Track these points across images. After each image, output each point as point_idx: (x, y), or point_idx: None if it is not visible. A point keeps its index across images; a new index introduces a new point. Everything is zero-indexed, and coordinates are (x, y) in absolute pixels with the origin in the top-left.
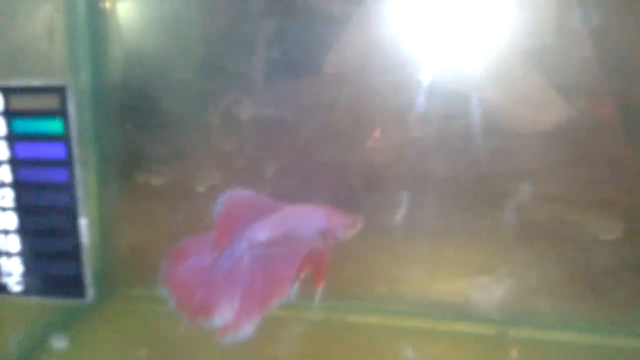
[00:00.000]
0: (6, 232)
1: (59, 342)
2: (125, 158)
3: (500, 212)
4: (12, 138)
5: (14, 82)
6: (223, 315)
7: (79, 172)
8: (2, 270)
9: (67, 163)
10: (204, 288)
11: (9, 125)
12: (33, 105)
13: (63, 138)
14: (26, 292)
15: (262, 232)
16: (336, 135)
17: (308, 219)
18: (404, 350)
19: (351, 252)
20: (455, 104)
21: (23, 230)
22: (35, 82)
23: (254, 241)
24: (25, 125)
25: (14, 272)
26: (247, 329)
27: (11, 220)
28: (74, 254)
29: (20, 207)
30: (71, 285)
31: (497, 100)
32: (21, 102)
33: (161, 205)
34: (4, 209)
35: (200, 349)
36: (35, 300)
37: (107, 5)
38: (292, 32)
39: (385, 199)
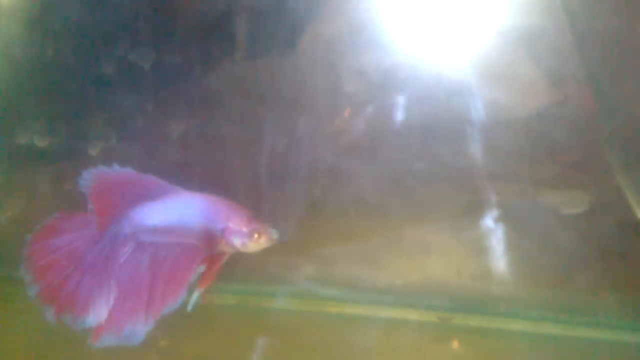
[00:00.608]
0: None
1: None
2: (5, 116)
3: (458, 190)
4: None
5: None
6: (97, 313)
7: None
8: None
9: None
10: (74, 277)
11: None
12: None
13: None
14: None
15: (151, 216)
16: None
17: (206, 213)
18: (332, 337)
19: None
20: (435, 87)
21: None
22: None
23: (140, 226)
24: None
25: None
26: (132, 332)
27: None
28: None
29: None
30: None
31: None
32: None
33: (47, 171)
34: None
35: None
36: None
37: None
38: None
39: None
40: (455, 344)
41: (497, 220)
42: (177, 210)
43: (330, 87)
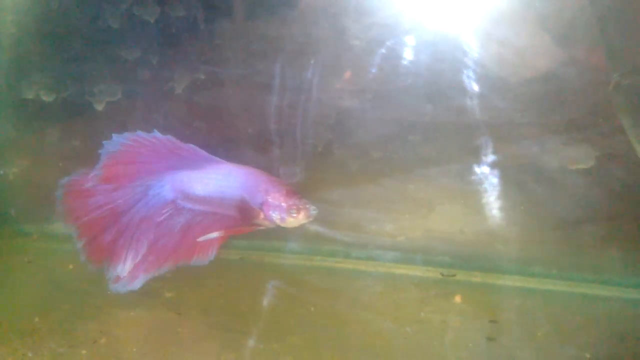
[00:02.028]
0: None
1: None
2: (10, 71)
3: (463, 147)
4: None
5: None
6: (126, 263)
7: None
8: None
9: None
10: (114, 230)
11: None
12: None
13: None
14: None
15: (192, 184)
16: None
17: (245, 186)
18: (336, 293)
19: None
20: (442, 47)
21: None
22: None
23: (181, 192)
24: None
25: None
26: (139, 282)
27: None
28: None
29: None
30: None
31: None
32: None
33: (54, 127)
34: None
35: (85, 289)
36: None
37: None
38: None
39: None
40: (458, 299)
41: (502, 178)
42: (217, 181)
43: (335, 38)
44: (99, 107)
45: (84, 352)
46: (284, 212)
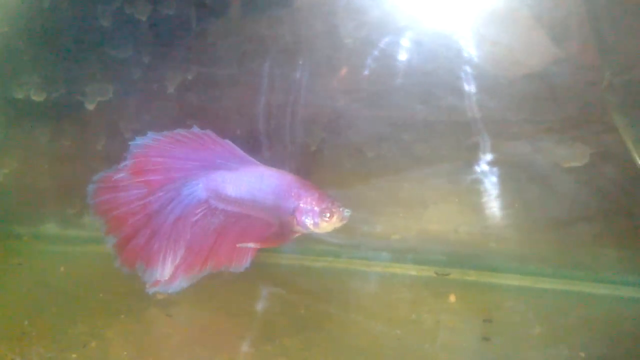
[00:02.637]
0: None
1: None
2: (1, 69)
3: (457, 145)
4: None
5: None
6: (166, 267)
7: None
8: None
9: None
10: (147, 231)
11: None
12: None
13: None
14: None
15: (226, 185)
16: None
17: (278, 190)
18: (329, 294)
19: None
20: (435, 46)
21: None
22: None
23: (215, 193)
24: None
25: None
26: (179, 284)
27: None
28: None
29: None
30: None
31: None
32: None
33: (44, 126)
34: None
35: (76, 292)
36: None
37: None
38: None
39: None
40: (452, 298)
41: (497, 176)
42: (250, 183)
43: (327, 37)
44: (90, 107)
45: (74, 356)
46: (317, 217)
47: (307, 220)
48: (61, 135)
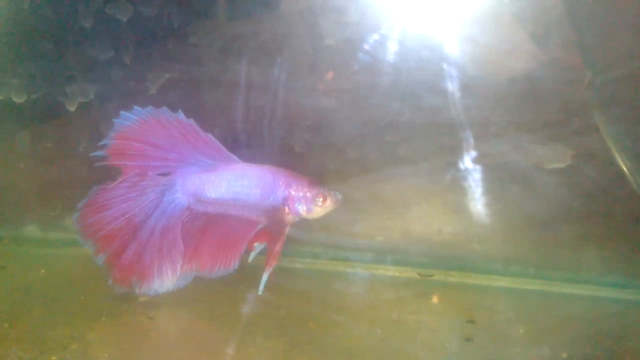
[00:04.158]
0: None
1: None
2: None
3: (440, 147)
4: None
5: None
6: (164, 279)
7: None
8: None
9: None
10: (135, 246)
11: None
12: None
13: None
14: None
15: (206, 188)
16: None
17: (263, 184)
18: (311, 295)
19: None
20: (423, 49)
21: None
22: None
23: (196, 197)
24: None
25: None
26: (165, 286)
27: None
28: None
29: None
30: None
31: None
32: None
33: (25, 129)
34: None
35: (57, 295)
36: None
37: None
38: None
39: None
40: (435, 299)
41: (479, 177)
42: (230, 182)
43: (311, 39)
44: (71, 108)
45: (53, 358)
46: (309, 203)
47: (300, 207)
48: (42, 137)
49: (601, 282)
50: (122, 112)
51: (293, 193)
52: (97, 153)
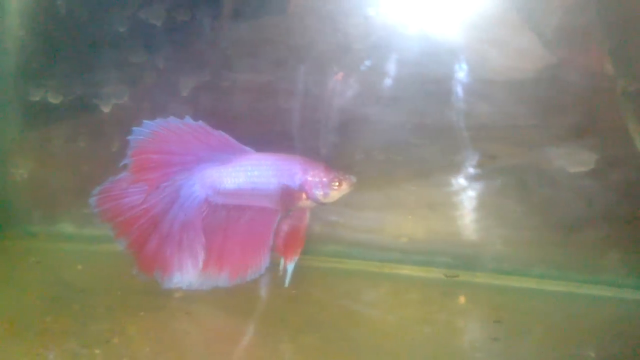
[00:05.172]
0: None
1: None
2: (18, 73)
3: (453, 147)
4: None
5: None
6: (184, 272)
7: None
8: None
9: None
10: (155, 237)
11: None
12: None
13: None
14: None
15: (224, 179)
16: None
17: (280, 171)
18: (340, 294)
19: None
20: (431, 49)
21: None
22: None
23: (213, 190)
24: None
25: None
26: (186, 279)
27: None
28: None
29: None
30: None
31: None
32: None
33: (60, 129)
34: None
35: (95, 289)
36: None
37: None
38: None
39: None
40: (462, 300)
41: (504, 179)
42: (247, 172)
43: (336, 41)
44: (106, 109)
45: (97, 351)
46: (326, 187)
47: (317, 192)
48: (77, 136)
49: (624, 284)
50: (134, 129)
51: (310, 179)
52: (123, 176)
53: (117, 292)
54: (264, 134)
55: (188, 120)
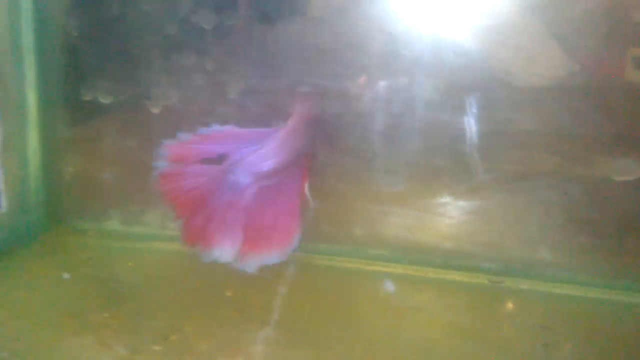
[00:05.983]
0: None
1: None
2: (70, 73)
3: (498, 154)
4: None
5: None
6: (224, 249)
7: None
8: None
9: None
10: (202, 218)
11: None
12: None
13: None
14: None
15: (265, 160)
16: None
17: (307, 124)
18: (386, 297)
19: (331, 194)
20: (452, 55)
21: None
22: None
23: (255, 172)
24: None
25: None
26: (252, 264)
27: None
28: None
29: None
30: None
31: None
32: None
33: (110, 127)
34: None
35: (148, 287)
36: None
37: None
38: None
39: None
40: (510, 305)
41: (546, 187)
42: (286, 143)
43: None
44: (155, 110)
45: (157, 348)
46: None
47: None
48: (126, 136)
49: None
50: (162, 141)
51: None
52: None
53: (170, 289)
54: (311, 136)
55: (215, 126)
